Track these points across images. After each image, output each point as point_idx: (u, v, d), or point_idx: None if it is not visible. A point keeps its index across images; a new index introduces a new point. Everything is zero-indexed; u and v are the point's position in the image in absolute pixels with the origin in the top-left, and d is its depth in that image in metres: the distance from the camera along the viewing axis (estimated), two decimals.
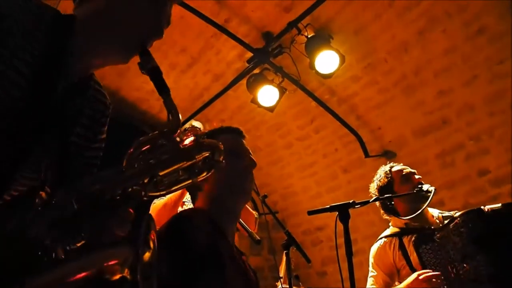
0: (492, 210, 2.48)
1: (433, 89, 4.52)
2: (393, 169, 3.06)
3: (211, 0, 4.46)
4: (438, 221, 2.92)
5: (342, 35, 4.50)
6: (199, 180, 1.15)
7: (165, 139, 1.13)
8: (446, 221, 2.71)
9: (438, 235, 2.55)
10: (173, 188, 1.15)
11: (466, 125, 4.54)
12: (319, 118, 5.33)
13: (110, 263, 0.92)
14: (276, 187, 6.19)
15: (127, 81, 5.59)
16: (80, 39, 1.22)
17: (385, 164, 3.25)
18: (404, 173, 3.00)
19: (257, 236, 2.48)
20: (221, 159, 1.17)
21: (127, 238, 0.99)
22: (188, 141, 1.16)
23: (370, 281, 2.95)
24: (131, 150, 1.10)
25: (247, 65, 4.88)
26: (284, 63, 4.86)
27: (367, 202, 2.31)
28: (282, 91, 4.87)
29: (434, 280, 2.50)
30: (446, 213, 2.99)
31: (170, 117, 1.13)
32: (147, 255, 0.98)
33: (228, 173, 1.70)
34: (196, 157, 1.13)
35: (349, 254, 1.99)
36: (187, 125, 4.37)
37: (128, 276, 0.90)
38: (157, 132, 1.13)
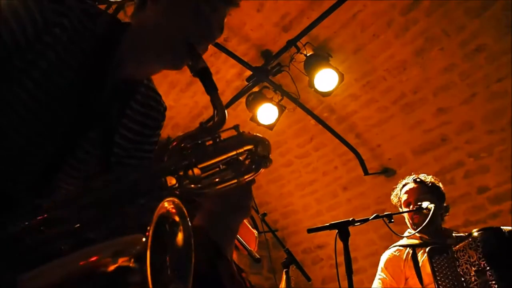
0: (510, 231, 2.57)
1: (432, 107, 4.54)
2: (403, 190, 3.13)
3: None
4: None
5: (341, 53, 4.53)
6: (246, 180, 1.10)
7: (207, 135, 1.10)
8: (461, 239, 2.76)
9: (454, 248, 2.60)
10: (218, 187, 1.11)
11: (465, 143, 4.54)
12: (318, 136, 5.34)
13: (117, 251, 0.86)
14: (276, 205, 6.17)
15: None
16: (128, 46, 1.24)
17: (385, 182, 3.29)
18: (407, 200, 3.08)
19: (256, 255, 2.47)
20: (267, 154, 1.12)
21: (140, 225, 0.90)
22: None
23: (376, 282, 2.96)
24: (174, 143, 1.07)
25: (246, 83, 4.90)
26: (283, 82, 4.88)
27: (367, 220, 2.31)
28: (282, 109, 4.89)
29: None
30: (461, 234, 3.04)
31: (216, 114, 1.11)
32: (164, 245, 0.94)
33: (227, 190, 1.69)
34: (237, 150, 1.10)
35: (349, 272, 1.98)
36: None
37: (134, 265, 0.83)
38: (200, 127, 1.10)
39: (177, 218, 0.96)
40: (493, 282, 2.40)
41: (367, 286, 3.13)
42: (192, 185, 1.06)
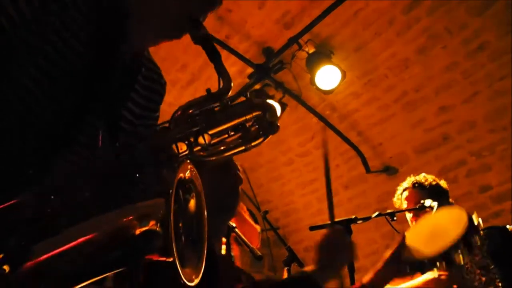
0: None
1: (434, 105, 4.52)
2: (403, 195, 3.12)
3: (212, 16, 4.49)
4: None
5: (342, 51, 4.52)
6: (253, 146, 1.09)
7: (214, 101, 1.07)
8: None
9: None
10: (226, 154, 1.09)
11: (467, 141, 4.53)
12: (320, 134, 5.33)
13: (140, 216, 0.87)
14: (277, 204, 6.17)
15: None
16: (134, 19, 1.23)
17: (387, 180, 3.27)
18: (407, 206, 3.08)
19: (258, 252, 2.46)
20: (275, 120, 1.10)
21: (160, 191, 0.90)
22: None
23: None
24: (179, 112, 1.04)
25: (248, 80, 4.89)
26: (285, 79, 4.87)
27: (369, 218, 2.31)
28: (283, 107, 4.88)
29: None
30: None
31: (221, 81, 1.09)
32: (184, 208, 0.94)
33: (215, 190, 1.69)
34: (246, 116, 1.08)
35: (351, 270, 1.97)
36: None
37: (159, 229, 0.85)
38: (206, 94, 1.08)
39: (190, 185, 0.96)
40: (498, 280, 2.40)
41: None
42: (202, 152, 1.04)
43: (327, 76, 4.40)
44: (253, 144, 1.10)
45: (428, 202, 2.63)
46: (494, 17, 3.84)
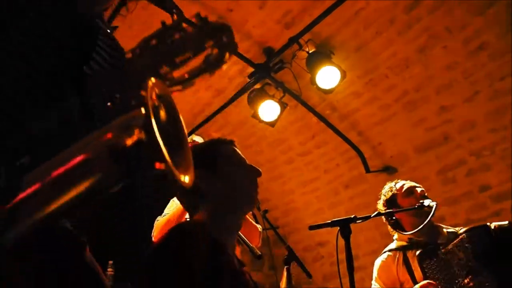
0: (499, 227, 2.49)
1: (434, 105, 4.52)
2: (397, 184, 3.07)
3: (213, 16, 4.48)
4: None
5: (343, 51, 4.52)
6: (216, 68, 1.11)
7: (172, 32, 1.11)
8: (451, 236, 2.70)
9: (443, 250, 2.54)
10: (192, 81, 1.12)
11: (467, 141, 4.53)
12: (320, 133, 5.33)
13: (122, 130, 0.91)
14: (277, 203, 6.17)
15: None
16: None
17: (387, 180, 3.25)
18: (406, 186, 3.00)
19: (258, 251, 2.46)
20: (232, 40, 1.13)
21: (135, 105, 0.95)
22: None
23: None
24: (137, 50, 1.09)
25: (248, 80, 4.89)
26: (285, 79, 4.88)
27: (369, 217, 2.30)
28: (283, 106, 4.88)
29: None
30: (451, 229, 2.98)
31: (174, 15, 1.15)
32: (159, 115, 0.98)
33: (234, 181, 1.70)
34: (204, 41, 1.11)
35: (351, 269, 1.97)
36: (188, 140, 4.38)
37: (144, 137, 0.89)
38: (162, 26, 1.12)
39: (161, 99, 1.01)
40: (487, 283, 2.34)
41: (368, 283, 3.11)
42: (168, 81, 1.08)
43: (328, 76, 4.41)
44: (216, 67, 1.12)
45: (427, 202, 2.62)
46: (495, 17, 3.84)
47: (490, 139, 4.37)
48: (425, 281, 2.59)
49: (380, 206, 3.09)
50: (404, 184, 3.05)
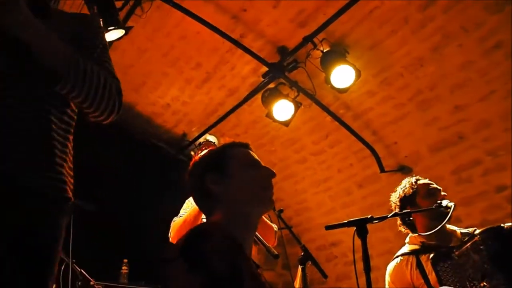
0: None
1: (449, 104, 4.49)
2: (419, 182, 2.99)
3: (227, 16, 4.50)
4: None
5: (357, 50, 4.51)
6: None
7: None
8: (465, 239, 2.66)
9: (456, 252, 2.50)
10: None
11: (482, 140, 4.49)
12: (334, 133, 5.32)
13: None
14: (290, 202, 6.17)
15: (143, 96, 5.65)
16: None
17: (401, 180, 3.19)
18: (430, 187, 2.95)
19: (274, 251, 2.47)
20: None
21: None
22: None
23: None
24: None
25: (262, 79, 4.89)
26: (299, 78, 4.87)
27: (385, 217, 2.28)
28: (297, 105, 4.88)
29: None
30: (464, 230, 2.94)
31: None
32: None
33: (250, 184, 1.71)
34: None
35: (367, 269, 1.97)
36: (201, 139, 4.39)
37: None
38: None
39: None
40: (503, 286, 2.26)
41: (381, 284, 3.09)
42: None
43: (342, 75, 4.40)
44: None
45: (445, 202, 2.58)
46: (510, 15, 3.81)
47: (505, 138, 4.32)
48: None
49: (394, 199, 3.03)
50: (427, 184, 2.97)
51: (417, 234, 2.93)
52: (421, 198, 2.92)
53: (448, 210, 2.46)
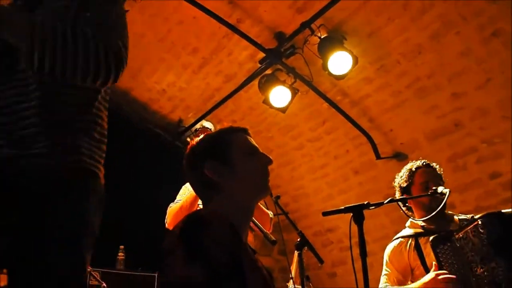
0: None
1: (446, 92, 4.49)
2: (414, 167, 3.05)
3: (224, 1, 4.48)
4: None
5: (355, 36, 4.49)
6: None
7: None
8: (463, 224, 2.69)
9: (456, 236, 2.53)
10: None
11: (479, 128, 4.50)
12: (331, 119, 5.33)
13: None
14: (287, 188, 6.19)
15: (139, 81, 5.63)
16: None
17: (397, 166, 3.23)
18: (423, 181, 2.97)
19: (272, 237, 2.49)
20: None
21: None
22: None
23: (383, 279, 2.94)
24: None
25: (259, 65, 4.88)
26: (296, 64, 4.86)
27: (382, 203, 2.30)
28: (294, 92, 4.87)
29: (451, 283, 2.49)
30: (462, 216, 2.98)
31: None
32: None
33: (248, 172, 1.71)
34: None
35: (364, 255, 1.99)
36: (198, 126, 4.39)
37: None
38: None
39: None
40: (501, 269, 2.30)
41: (376, 269, 3.11)
42: None
43: (339, 62, 4.38)
44: None
45: (440, 189, 2.61)
46: (510, 4, 3.79)
47: (502, 126, 4.34)
48: (434, 273, 2.58)
49: (397, 186, 3.11)
50: (423, 177, 3.00)
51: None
52: (415, 190, 2.97)
53: (443, 196, 2.49)
